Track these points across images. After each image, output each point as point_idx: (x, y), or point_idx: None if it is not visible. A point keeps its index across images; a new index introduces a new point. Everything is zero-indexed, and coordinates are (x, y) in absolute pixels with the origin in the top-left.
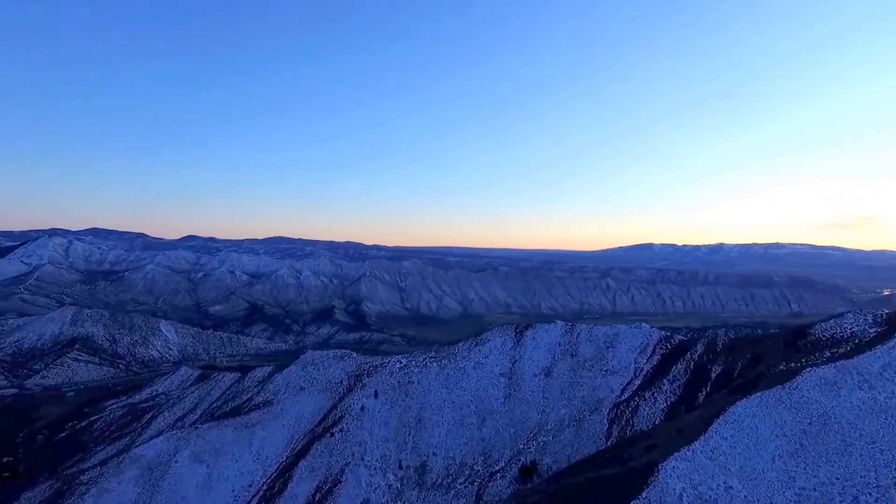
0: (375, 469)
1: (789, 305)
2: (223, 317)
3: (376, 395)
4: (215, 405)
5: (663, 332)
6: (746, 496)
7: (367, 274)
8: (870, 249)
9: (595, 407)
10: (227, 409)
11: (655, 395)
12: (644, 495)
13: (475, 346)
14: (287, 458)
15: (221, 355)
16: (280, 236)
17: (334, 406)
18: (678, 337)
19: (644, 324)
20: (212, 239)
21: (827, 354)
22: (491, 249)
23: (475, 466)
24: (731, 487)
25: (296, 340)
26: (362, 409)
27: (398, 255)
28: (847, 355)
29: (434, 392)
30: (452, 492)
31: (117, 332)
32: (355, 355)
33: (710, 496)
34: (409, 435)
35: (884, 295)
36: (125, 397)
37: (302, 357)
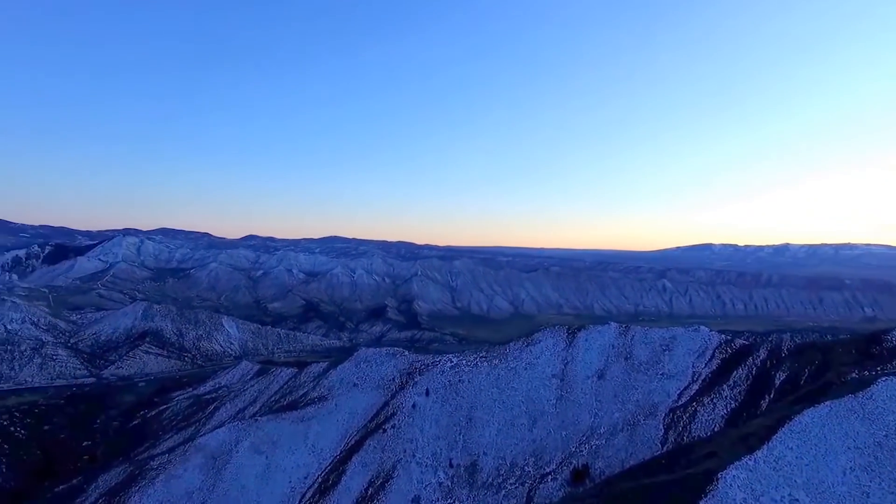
0: (426, 466)
1: (862, 310)
2: (281, 313)
3: (427, 394)
4: (273, 399)
5: (723, 336)
6: None
7: (419, 273)
8: None
9: (650, 411)
10: (285, 403)
11: (715, 401)
12: None
13: (526, 347)
14: (341, 453)
15: (279, 350)
16: (335, 236)
17: (386, 403)
18: (739, 341)
19: (703, 327)
20: (270, 238)
21: None
22: (541, 249)
23: (526, 467)
24: (797, 500)
25: (349, 337)
26: (414, 407)
27: (449, 255)
28: None
29: (485, 391)
30: (503, 492)
31: (184, 327)
32: (407, 353)
33: None
34: (460, 434)
35: None
36: (190, 389)
37: (355, 354)
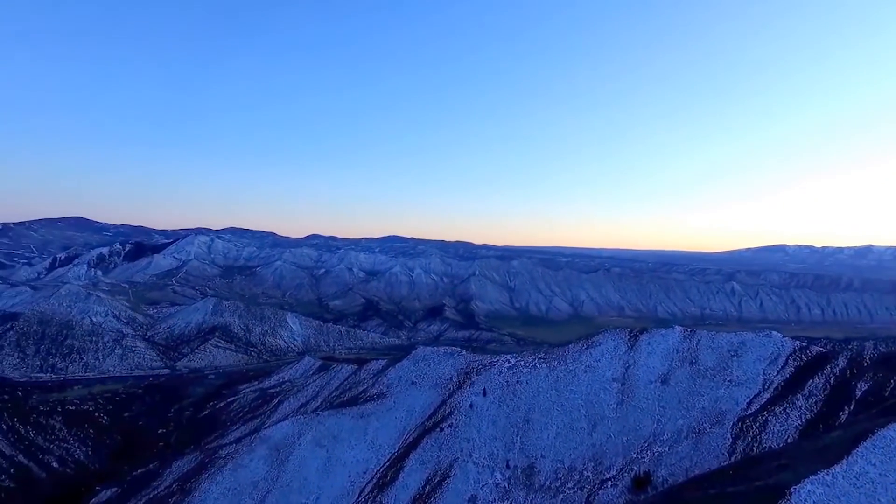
0: (483, 467)
1: None
2: (342, 311)
3: (485, 394)
4: (334, 394)
5: (798, 343)
6: None
7: (477, 273)
8: None
9: (717, 419)
10: (345, 399)
11: (788, 411)
12: None
13: (586, 349)
14: (399, 450)
15: (340, 347)
16: (394, 235)
17: (444, 402)
18: (816, 348)
19: (775, 332)
20: (332, 238)
21: None
22: (601, 249)
23: (585, 472)
24: None
25: (408, 336)
26: (471, 407)
27: (507, 255)
28: None
29: (543, 393)
30: (561, 496)
31: (250, 323)
32: (465, 353)
33: None
34: (517, 435)
35: None
36: (256, 382)
37: (414, 353)
